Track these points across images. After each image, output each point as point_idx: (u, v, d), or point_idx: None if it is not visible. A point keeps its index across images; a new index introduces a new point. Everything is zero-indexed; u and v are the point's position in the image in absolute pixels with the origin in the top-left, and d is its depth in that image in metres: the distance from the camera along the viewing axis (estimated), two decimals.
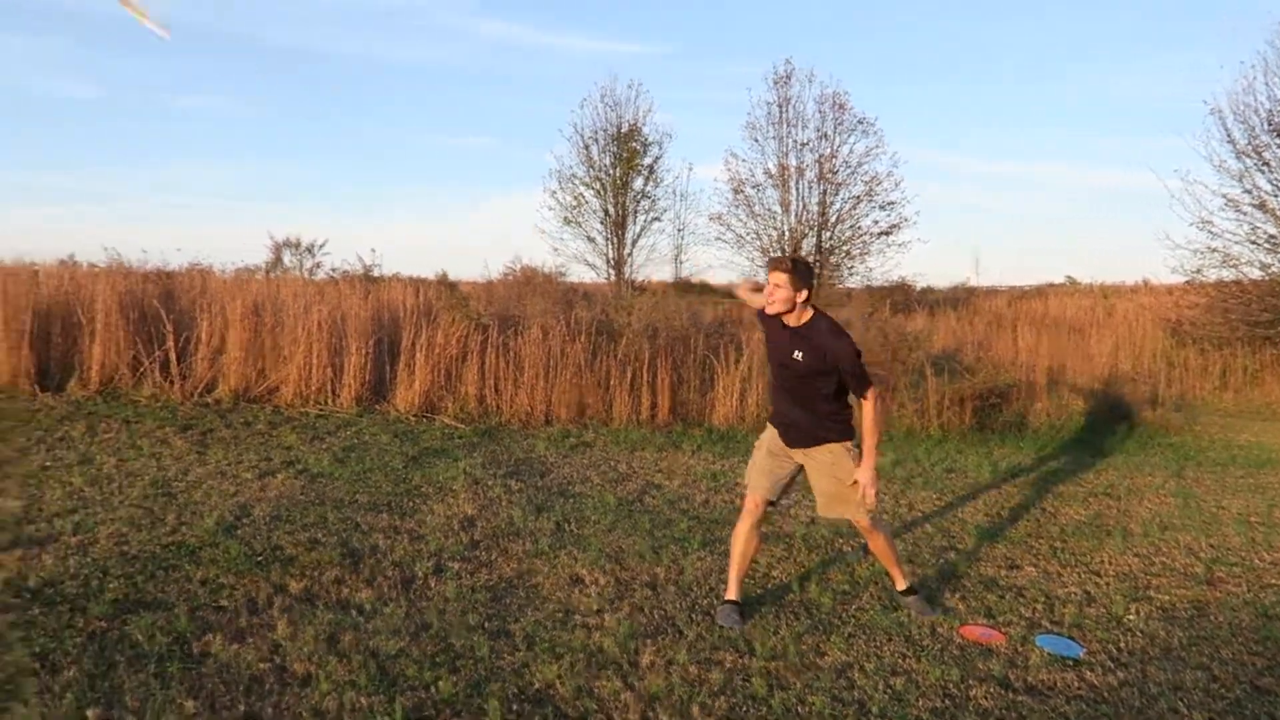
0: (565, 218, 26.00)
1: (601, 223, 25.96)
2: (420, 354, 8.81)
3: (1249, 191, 14.01)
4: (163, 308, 8.95)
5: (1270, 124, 13.65)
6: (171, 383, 8.42)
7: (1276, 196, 13.86)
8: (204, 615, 3.59)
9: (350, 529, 4.89)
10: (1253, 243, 14.10)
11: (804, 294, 3.77)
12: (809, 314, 3.82)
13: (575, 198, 25.95)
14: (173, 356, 8.51)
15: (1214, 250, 14.38)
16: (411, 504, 5.49)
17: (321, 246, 25.19)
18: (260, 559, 4.29)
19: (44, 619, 3.46)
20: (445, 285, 15.19)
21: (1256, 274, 14.25)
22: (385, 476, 6.17)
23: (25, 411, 7.60)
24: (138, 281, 10.15)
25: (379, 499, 5.57)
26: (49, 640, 3.28)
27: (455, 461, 6.75)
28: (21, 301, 8.58)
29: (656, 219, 25.90)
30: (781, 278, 3.74)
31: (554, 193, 26.07)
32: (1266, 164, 13.83)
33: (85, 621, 3.46)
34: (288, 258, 24.02)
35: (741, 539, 3.93)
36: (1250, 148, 13.89)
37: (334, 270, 17.47)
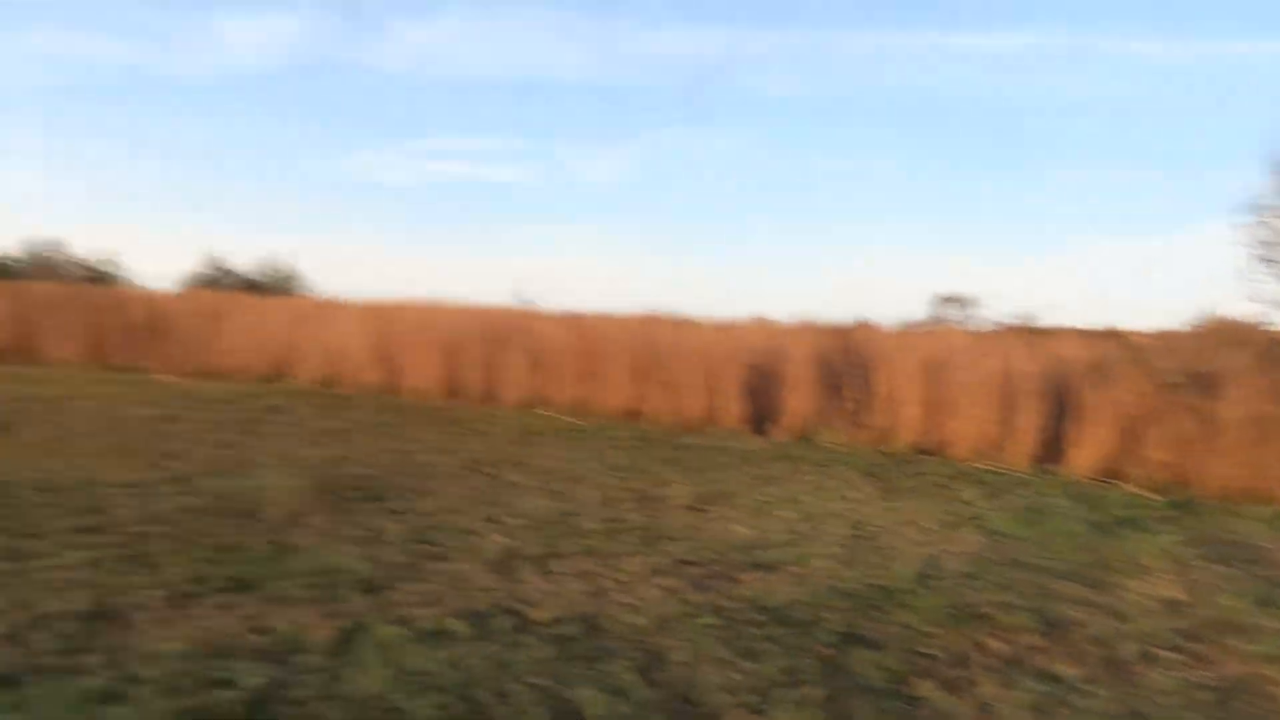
0: (1262, 255, 22.14)
1: None
2: (1097, 413, 8.33)
3: None
4: (842, 362, 9.97)
5: None
6: (853, 431, 9.31)
7: None
8: (912, 659, 3.88)
9: (1041, 595, 4.82)
10: None
11: None
12: None
13: (1274, 231, 21.95)
14: (855, 408, 9.41)
15: None
16: (1102, 576, 5.20)
17: (980, 301, 25.22)
18: (955, 613, 4.47)
19: (783, 638, 4.09)
20: (1114, 337, 14.07)
21: None
22: (1070, 543, 5.95)
23: (745, 451, 9.12)
24: (822, 337, 11.43)
25: (1067, 567, 5.38)
26: (788, 658, 3.85)
27: (1149, 535, 6.21)
28: (739, 357, 10.36)
29: None
30: None
31: (1245, 227, 22.43)
32: None
33: (813, 646, 4.00)
34: (947, 311, 24.60)
35: None
36: None
37: (994, 323, 17.36)
